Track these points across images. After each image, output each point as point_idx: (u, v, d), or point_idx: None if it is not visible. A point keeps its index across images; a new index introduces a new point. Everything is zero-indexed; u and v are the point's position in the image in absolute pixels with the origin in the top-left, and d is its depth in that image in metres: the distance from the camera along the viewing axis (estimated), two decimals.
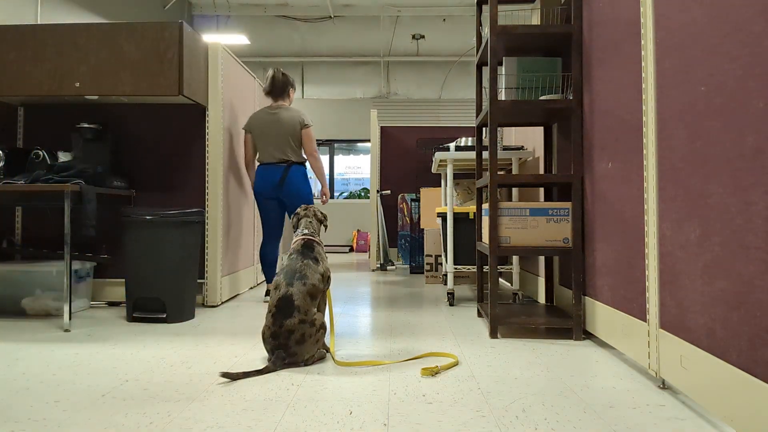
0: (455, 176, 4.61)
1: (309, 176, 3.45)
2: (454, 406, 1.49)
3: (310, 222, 2.19)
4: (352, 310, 3.03)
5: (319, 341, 1.91)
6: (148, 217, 2.60)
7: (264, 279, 4.26)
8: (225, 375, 1.70)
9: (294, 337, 1.84)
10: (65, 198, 2.47)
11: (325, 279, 2.03)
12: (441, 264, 4.29)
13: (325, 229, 2.30)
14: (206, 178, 3.13)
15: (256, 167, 3.40)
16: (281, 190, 3.27)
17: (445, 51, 8.66)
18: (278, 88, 3.33)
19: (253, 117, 3.33)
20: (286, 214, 3.86)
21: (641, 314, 1.76)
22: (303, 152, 3.38)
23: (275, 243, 3.41)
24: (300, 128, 3.29)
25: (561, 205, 2.40)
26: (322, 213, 2.27)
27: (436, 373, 1.80)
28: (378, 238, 5.45)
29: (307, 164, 3.40)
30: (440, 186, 5.49)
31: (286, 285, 1.90)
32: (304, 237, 2.10)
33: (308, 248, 2.05)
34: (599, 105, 2.17)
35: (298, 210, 2.26)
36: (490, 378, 1.75)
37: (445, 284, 4.20)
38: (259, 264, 3.78)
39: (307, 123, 3.31)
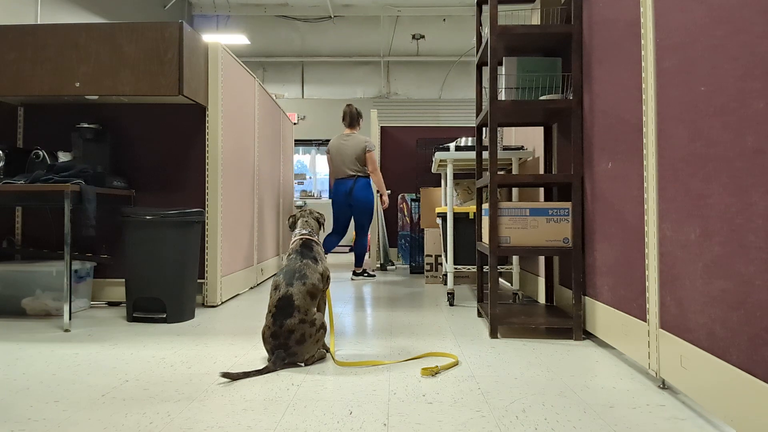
0: (455, 176, 4.61)
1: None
2: (454, 406, 1.49)
3: (307, 222, 2.18)
4: (352, 310, 3.03)
5: (319, 341, 1.91)
6: (148, 217, 2.60)
7: (265, 278, 4.28)
8: (225, 375, 1.70)
9: (294, 337, 1.84)
10: (65, 198, 2.47)
11: (325, 278, 2.03)
12: (441, 264, 4.29)
13: (323, 228, 2.29)
14: (206, 178, 3.13)
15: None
16: (350, 198, 4.31)
17: (445, 51, 8.66)
18: (352, 120, 4.44)
19: (332, 142, 4.42)
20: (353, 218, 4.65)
21: (641, 314, 1.76)
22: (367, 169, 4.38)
23: (337, 237, 4.47)
24: (364, 152, 4.29)
25: (561, 205, 2.40)
26: (319, 213, 2.27)
27: (436, 373, 1.80)
28: (378, 238, 5.45)
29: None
30: (440, 186, 5.49)
31: (285, 285, 1.90)
32: (302, 237, 2.10)
33: (307, 248, 2.05)
34: (599, 105, 2.17)
35: (296, 212, 2.26)
36: (490, 378, 1.75)
37: (445, 284, 4.20)
38: (260, 264, 4.13)
39: (370, 148, 4.30)
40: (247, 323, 2.64)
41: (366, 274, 4.58)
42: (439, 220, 3.86)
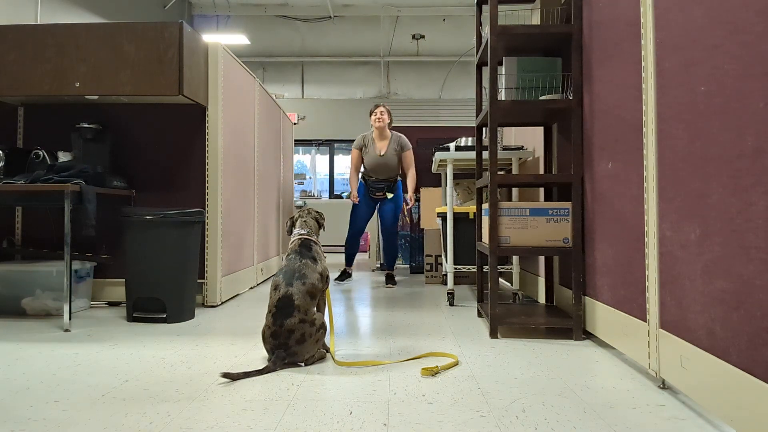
0: (455, 176, 4.61)
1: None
2: (454, 406, 1.49)
3: (305, 221, 2.17)
4: (352, 310, 3.03)
5: (319, 341, 1.91)
6: (148, 217, 2.60)
7: (264, 279, 4.27)
8: (225, 375, 1.70)
9: (294, 336, 1.84)
10: (65, 198, 2.47)
11: (324, 278, 2.02)
12: (441, 264, 4.29)
13: (323, 228, 2.27)
14: (206, 178, 3.13)
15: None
16: None
17: (445, 51, 8.67)
18: None
19: None
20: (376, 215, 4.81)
21: (641, 314, 1.76)
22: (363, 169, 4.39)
23: (382, 239, 4.37)
24: None
25: (561, 205, 2.40)
26: (318, 212, 2.25)
27: (436, 373, 1.80)
28: (378, 238, 5.45)
29: (359, 175, 4.39)
30: (440, 186, 5.49)
31: (285, 285, 1.90)
32: (301, 236, 2.10)
33: (306, 248, 2.05)
34: (599, 105, 2.16)
35: (295, 213, 2.25)
36: (490, 378, 1.75)
37: (445, 284, 4.20)
38: (260, 264, 4.10)
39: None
40: (247, 323, 2.64)
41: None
42: (439, 220, 3.86)
